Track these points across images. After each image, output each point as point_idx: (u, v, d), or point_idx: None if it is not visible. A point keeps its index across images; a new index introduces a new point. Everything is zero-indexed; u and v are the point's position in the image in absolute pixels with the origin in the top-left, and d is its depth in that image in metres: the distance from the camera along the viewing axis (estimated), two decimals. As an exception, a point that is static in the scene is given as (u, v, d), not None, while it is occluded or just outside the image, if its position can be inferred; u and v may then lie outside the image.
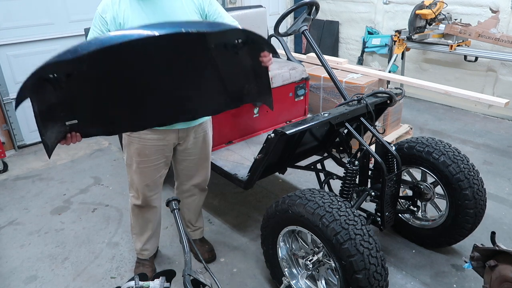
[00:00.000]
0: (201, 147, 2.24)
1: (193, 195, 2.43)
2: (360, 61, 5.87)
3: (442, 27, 4.63)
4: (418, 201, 2.53)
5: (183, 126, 2.06)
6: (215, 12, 2.00)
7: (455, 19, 4.68)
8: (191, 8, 1.92)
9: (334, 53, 6.22)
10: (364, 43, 5.80)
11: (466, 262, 1.95)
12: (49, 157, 1.65)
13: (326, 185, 2.60)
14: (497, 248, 1.78)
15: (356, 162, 2.20)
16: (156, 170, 2.18)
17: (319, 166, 2.67)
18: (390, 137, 3.74)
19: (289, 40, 6.57)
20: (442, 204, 2.41)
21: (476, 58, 4.58)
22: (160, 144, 2.09)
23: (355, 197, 2.34)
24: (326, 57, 2.82)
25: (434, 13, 4.49)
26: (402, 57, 5.06)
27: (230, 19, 2.06)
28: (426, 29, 4.70)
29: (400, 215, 2.61)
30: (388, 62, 5.05)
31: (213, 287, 1.31)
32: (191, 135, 2.15)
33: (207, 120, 2.24)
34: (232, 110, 2.76)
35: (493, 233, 1.86)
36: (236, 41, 1.67)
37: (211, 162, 2.65)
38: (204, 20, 1.97)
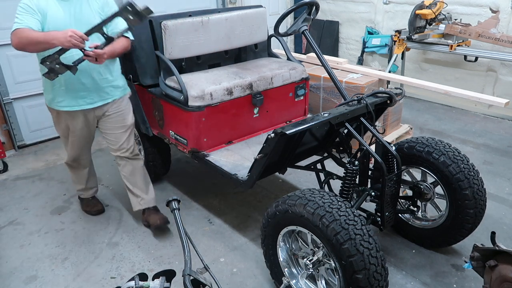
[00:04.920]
0: (118, 122, 2.65)
1: (124, 163, 2.76)
2: (360, 61, 5.87)
3: (442, 27, 4.63)
4: (418, 201, 2.53)
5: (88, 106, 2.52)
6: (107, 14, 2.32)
7: (455, 19, 4.68)
8: (95, 6, 2.38)
9: (334, 53, 6.22)
10: (364, 43, 5.80)
11: (466, 262, 1.96)
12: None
13: (326, 185, 2.61)
14: (497, 248, 1.78)
15: (356, 162, 2.20)
16: (83, 142, 2.72)
17: (319, 166, 2.67)
18: (390, 137, 3.74)
19: (289, 40, 6.57)
20: (442, 204, 2.41)
21: (476, 58, 4.58)
22: (82, 119, 2.56)
23: (355, 197, 2.35)
24: (326, 57, 2.82)
25: (434, 13, 4.49)
26: (402, 57, 5.06)
27: (123, 26, 2.29)
28: (426, 29, 4.70)
29: (400, 215, 2.61)
30: (388, 62, 5.05)
31: (213, 287, 1.31)
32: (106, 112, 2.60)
33: (121, 101, 2.64)
34: (232, 109, 2.78)
35: (493, 233, 1.86)
36: None
37: (211, 162, 2.65)
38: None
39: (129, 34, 2.43)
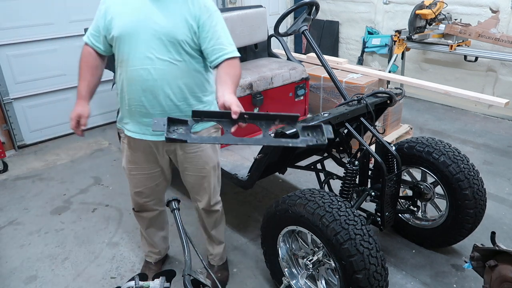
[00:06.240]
0: (198, 164, 2.02)
1: (199, 215, 2.25)
2: (360, 61, 5.87)
3: (442, 27, 4.63)
4: (418, 201, 2.53)
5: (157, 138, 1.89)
6: (210, 29, 1.77)
7: (455, 19, 4.68)
8: (183, 11, 1.75)
9: (334, 53, 6.22)
10: (364, 43, 5.80)
11: (466, 262, 1.95)
12: None
13: (326, 185, 2.60)
14: (497, 248, 1.78)
15: (356, 162, 2.20)
16: (151, 179, 2.09)
17: (319, 166, 2.67)
18: (390, 137, 3.74)
19: (289, 40, 6.56)
20: (442, 204, 2.41)
21: (476, 58, 4.58)
22: (149, 151, 1.99)
23: (355, 197, 2.34)
24: (326, 57, 2.82)
25: (434, 13, 4.49)
26: (402, 57, 5.06)
27: (227, 41, 1.81)
28: (426, 29, 4.69)
29: (400, 215, 2.61)
30: (388, 62, 5.05)
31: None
32: (178, 149, 1.99)
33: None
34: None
35: (493, 233, 1.86)
36: None
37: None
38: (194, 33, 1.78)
39: (235, 52, 1.80)
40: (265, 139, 1.46)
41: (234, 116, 1.45)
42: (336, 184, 2.53)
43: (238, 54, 1.82)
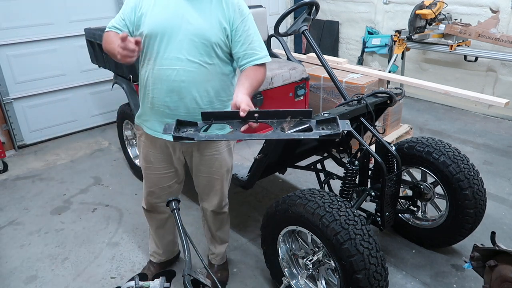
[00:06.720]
0: (213, 166, 2.01)
1: (205, 216, 2.25)
2: (360, 61, 5.87)
3: (442, 27, 4.63)
4: (418, 201, 2.53)
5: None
6: (243, 33, 1.75)
7: (455, 19, 4.68)
8: (218, 13, 1.72)
9: (334, 53, 6.22)
10: (364, 43, 5.80)
11: (466, 262, 1.95)
12: None
13: (326, 185, 2.60)
14: (497, 248, 1.78)
15: (356, 162, 2.19)
16: (164, 179, 2.08)
17: (319, 166, 2.67)
18: (390, 137, 3.74)
19: (289, 40, 6.56)
20: (442, 204, 2.41)
21: (476, 58, 4.58)
22: (165, 151, 1.98)
23: (355, 197, 2.34)
24: (326, 57, 2.82)
25: (434, 13, 4.49)
26: (402, 57, 5.06)
27: (259, 45, 1.79)
28: (426, 29, 4.70)
29: (400, 215, 2.61)
30: (388, 62, 5.05)
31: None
32: (195, 151, 1.98)
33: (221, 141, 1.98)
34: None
35: (493, 233, 1.86)
36: None
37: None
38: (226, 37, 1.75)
39: (266, 57, 1.80)
40: (275, 133, 1.45)
41: (242, 114, 1.44)
42: (336, 184, 2.53)
43: (268, 60, 1.81)
